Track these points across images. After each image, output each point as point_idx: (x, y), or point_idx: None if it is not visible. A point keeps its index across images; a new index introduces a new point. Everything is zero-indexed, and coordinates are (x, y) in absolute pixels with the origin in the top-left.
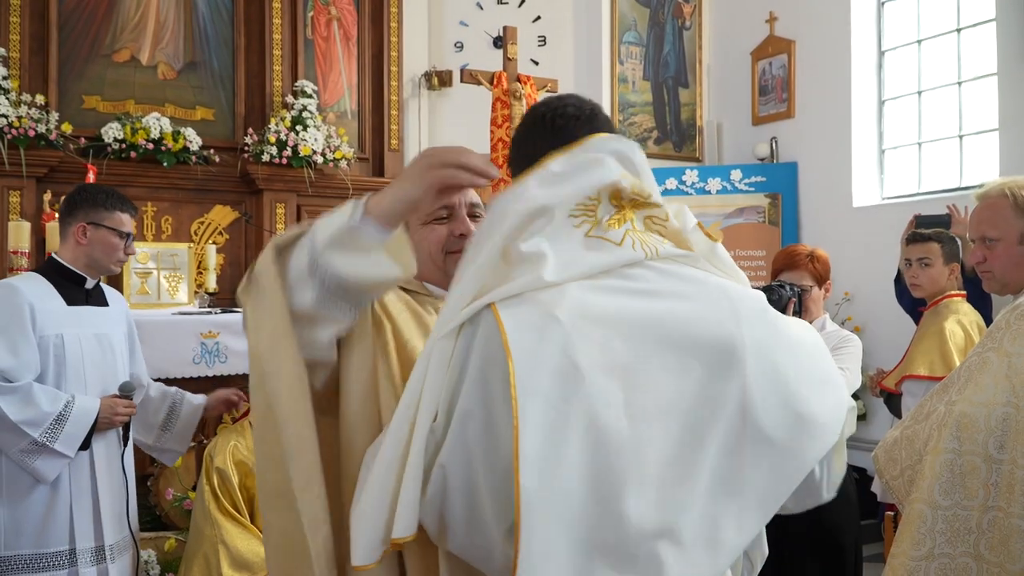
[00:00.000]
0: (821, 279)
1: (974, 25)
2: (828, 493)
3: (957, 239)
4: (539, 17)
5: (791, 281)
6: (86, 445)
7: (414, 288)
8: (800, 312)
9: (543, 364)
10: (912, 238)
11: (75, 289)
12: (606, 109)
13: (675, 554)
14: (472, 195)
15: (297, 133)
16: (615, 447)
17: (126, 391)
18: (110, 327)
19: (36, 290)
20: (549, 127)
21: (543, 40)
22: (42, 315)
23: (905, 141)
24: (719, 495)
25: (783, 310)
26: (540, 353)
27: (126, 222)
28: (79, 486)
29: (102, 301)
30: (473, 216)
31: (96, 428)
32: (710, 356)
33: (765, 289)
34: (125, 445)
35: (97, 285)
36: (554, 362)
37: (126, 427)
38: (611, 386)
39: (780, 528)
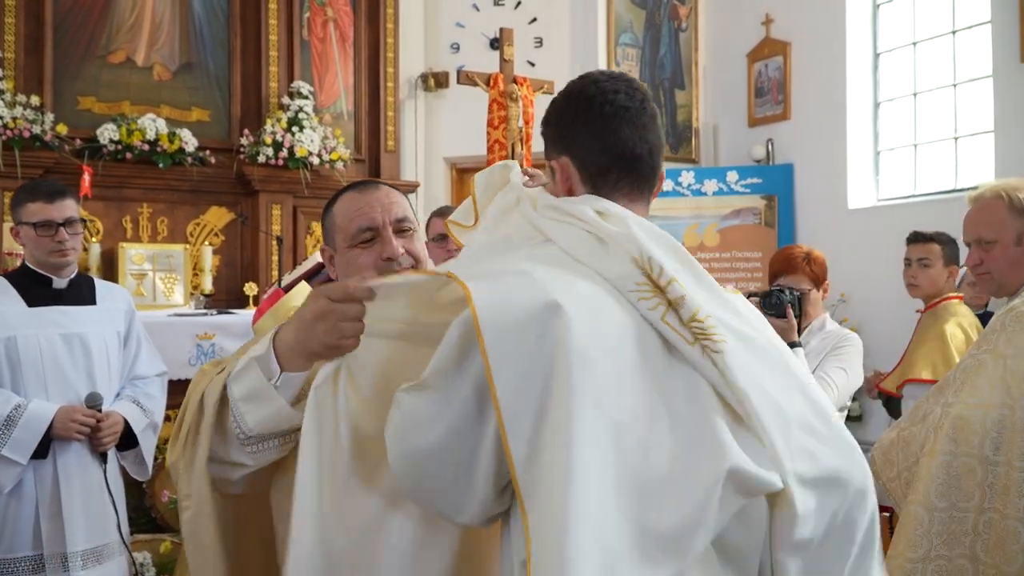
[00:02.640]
0: (819, 280)
1: (969, 27)
2: None
3: (958, 242)
4: (535, 19)
5: (789, 285)
6: (43, 453)
7: None
8: (800, 315)
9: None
10: (913, 238)
11: (41, 290)
12: None
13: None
14: (398, 210)
15: (293, 134)
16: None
17: (91, 402)
18: (89, 326)
19: None
20: (597, 112)
21: (539, 42)
22: None
23: (901, 143)
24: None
25: (783, 315)
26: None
27: (40, 211)
28: (44, 492)
29: (84, 300)
30: (401, 232)
31: (53, 435)
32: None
33: (764, 295)
34: (104, 462)
35: (78, 282)
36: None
37: (98, 441)
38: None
39: None
